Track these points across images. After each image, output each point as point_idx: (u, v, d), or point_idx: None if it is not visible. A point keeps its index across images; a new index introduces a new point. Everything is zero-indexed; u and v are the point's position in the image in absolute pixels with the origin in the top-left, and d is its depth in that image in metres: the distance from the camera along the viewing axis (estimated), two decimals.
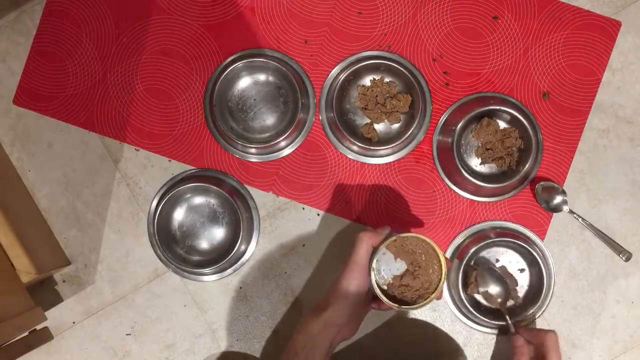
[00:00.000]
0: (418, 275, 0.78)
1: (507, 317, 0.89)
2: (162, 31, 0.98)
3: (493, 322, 0.91)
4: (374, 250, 0.79)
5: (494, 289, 0.91)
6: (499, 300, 0.91)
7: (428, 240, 0.78)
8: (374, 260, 0.78)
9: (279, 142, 0.94)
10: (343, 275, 0.79)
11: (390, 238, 0.78)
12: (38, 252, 0.90)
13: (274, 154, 0.96)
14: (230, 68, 0.93)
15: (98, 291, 0.97)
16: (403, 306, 0.77)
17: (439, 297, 0.81)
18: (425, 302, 0.77)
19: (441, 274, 0.78)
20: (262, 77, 0.96)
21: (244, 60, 0.93)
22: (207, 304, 0.97)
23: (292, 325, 0.95)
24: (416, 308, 0.77)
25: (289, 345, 0.80)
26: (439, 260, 0.78)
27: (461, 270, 0.91)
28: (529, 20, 0.97)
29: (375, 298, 0.81)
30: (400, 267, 0.79)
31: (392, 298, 0.78)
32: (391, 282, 0.79)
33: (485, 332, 0.95)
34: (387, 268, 0.79)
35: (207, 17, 0.98)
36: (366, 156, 0.96)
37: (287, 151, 0.96)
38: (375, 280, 0.78)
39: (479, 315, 0.90)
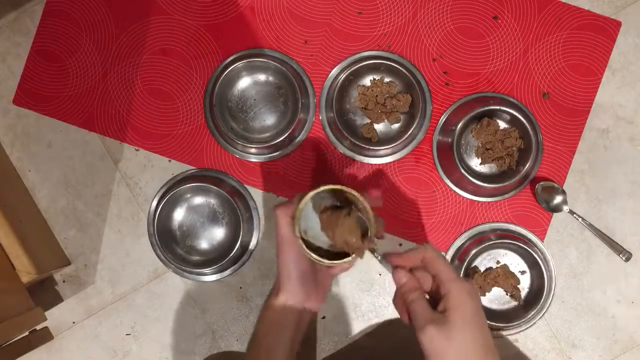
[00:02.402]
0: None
1: (377, 255, 0.71)
2: (162, 31, 0.98)
3: (493, 323, 0.91)
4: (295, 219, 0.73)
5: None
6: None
7: (335, 186, 0.72)
8: (296, 228, 0.72)
9: (279, 142, 0.94)
10: (278, 255, 0.75)
11: (304, 199, 0.72)
12: (38, 252, 0.90)
13: (274, 154, 0.96)
14: (230, 68, 0.93)
15: (98, 291, 0.97)
16: (346, 258, 0.71)
17: (380, 236, 0.73)
18: (365, 245, 0.70)
19: (367, 214, 0.71)
20: (262, 77, 0.96)
21: (244, 60, 0.93)
22: (207, 304, 0.97)
23: None
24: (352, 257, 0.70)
25: (252, 335, 0.78)
26: (357, 198, 0.72)
27: (462, 272, 0.91)
28: (529, 20, 0.97)
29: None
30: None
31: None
32: None
33: None
34: (316, 219, 0.74)
35: (207, 17, 0.98)
36: (366, 156, 0.96)
37: (287, 151, 0.96)
38: (304, 240, 0.72)
39: None
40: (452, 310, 0.61)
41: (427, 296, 0.66)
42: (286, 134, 0.93)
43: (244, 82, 0.96)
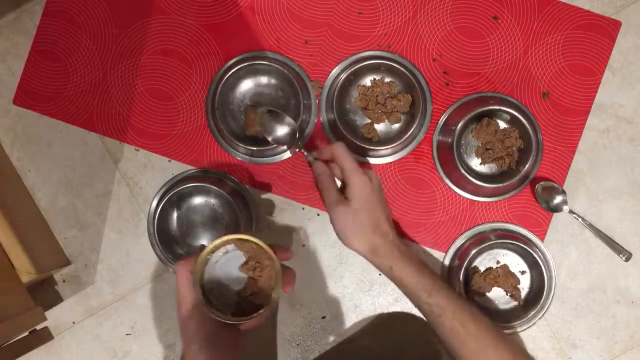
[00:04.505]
0: (259, 261, 0.72)
1: (303, 151, 0.86)
2: (162, 31, 0.98)
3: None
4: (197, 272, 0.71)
5: (281, 130, 0.88)
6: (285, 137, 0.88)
7: (240, 236, 0.70)
8: (198, 284, 0.70)
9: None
10: (179, 320, 0.71)
11: (203, 251, 0.70)
12: (38, 252, 0.90)
13: (276, 157, 0.96)
14: (232, 71, 0.93)
15: (98, 291, 0.97)
16: (254, 314, 0.69)
17: (287, 288, 0.74)
18: (271, 300, 0.70)
19: (273, 264, 0.71)
20: (264, 79, 0.96)
21: (246, 63, 0.93)
22: None
23: (292, 325, 0.96)
24: (262, 312, 0.69)
25: None
26: (267, 253, 0.71)
27: (462, 272, 0.91)
28: (529, 20, 0.97)
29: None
30: (240, 257, 0.72)
31: (259, 295, 0.71)
32: (245, 276, 0.71)
33: None
34: (233, 266, 0.71)
35: (207, 17, 0.98)
36: (367, 156, 0.96)
37: (288, 154, 0.96)
38: (208, 298, 0.70)
39: None
40: (352, 196, 0.79)
41: (339, 182, 0.83)
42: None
43: (245, 85, 0.96)
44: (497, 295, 0.94)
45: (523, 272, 0.94)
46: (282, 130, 0.89)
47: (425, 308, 0.78)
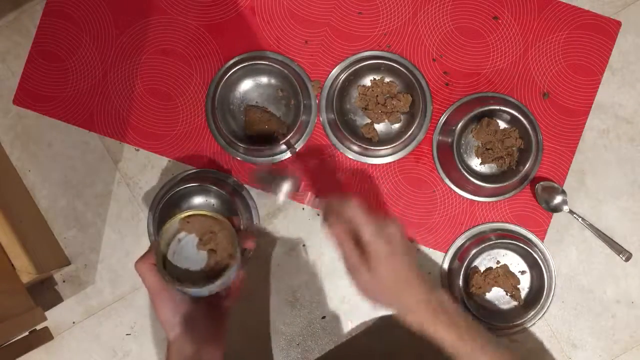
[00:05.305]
0: (211, 232, 0.74)
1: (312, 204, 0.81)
2: (162, 31, 0.98)
3: (494, 323, 0.91)
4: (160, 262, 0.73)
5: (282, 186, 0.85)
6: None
7: (191, 212, 0.72)
8: (162, 268, 0.72)
9: (281, 144, 0.93)
10: (155, 310, 0.73)
11: (162, 231, 0.74)
12: (38, 252, 0.90)
13: (276, 157, 0.96)
14: (232, 71, 0.93)
15: (98, 291, 0.97)
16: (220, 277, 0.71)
17: (248, 243, 0.77)
18: (233, 258, 0.72)
19: (224, 226, 0.73)
20: (264, 79, 0.96)
21: (246, 63, 0.93)
22: None
23: (292, 325, 0.96)
24: (227, 272, 0.71)
25: None
26: (214, 219, 0.74)
27: (462, 272, 0.91)
28: (529, 20, 0.97)
29: (219, 296, 0.76)
30: (193, 238, 0.74)
31: (223, 262, 0.73)
32: (206, 252, 0.73)
33: None
34: (191, 250, 0.74)
35: (207, 17, 0.98)
36: (366, 156, 0.96)
37: (288, 154, 0.96)
38: (176, 281, 0.72)
39: (481, 318, 0.90)
40: (372, 261, 0.73)
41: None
42: (288, 136, 0.92)
43: (246, 85, 0.96)
44: (497, 295, 0.94)
45: (523, 272, 0.94)
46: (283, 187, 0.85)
47: None
